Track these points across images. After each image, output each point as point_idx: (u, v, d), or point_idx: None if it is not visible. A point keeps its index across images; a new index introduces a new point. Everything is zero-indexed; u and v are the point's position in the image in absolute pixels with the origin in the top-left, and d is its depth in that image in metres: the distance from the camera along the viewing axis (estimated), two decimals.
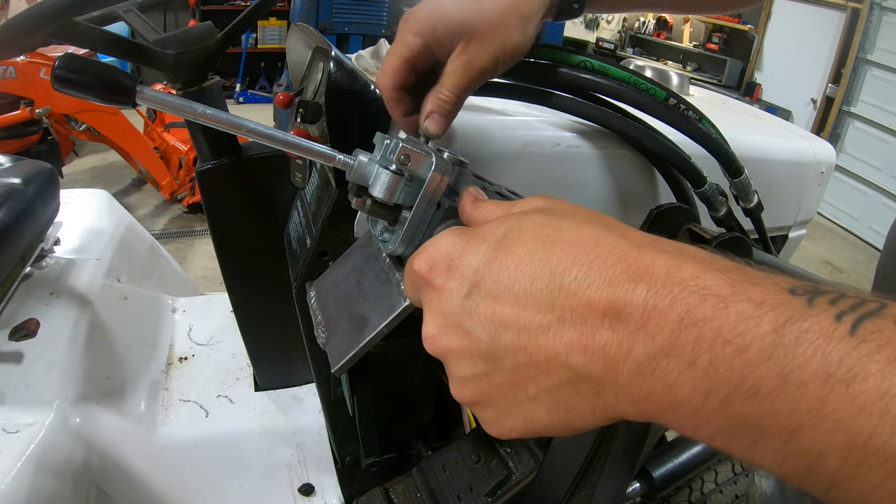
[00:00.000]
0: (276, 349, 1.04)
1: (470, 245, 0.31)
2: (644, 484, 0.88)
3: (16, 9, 3.11)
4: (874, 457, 0.19)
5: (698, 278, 0.24)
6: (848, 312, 0.21)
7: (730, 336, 0.22)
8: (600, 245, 0.27)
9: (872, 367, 0.19)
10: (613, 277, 0.25)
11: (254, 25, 4.34)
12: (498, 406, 0.30)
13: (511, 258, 0.28)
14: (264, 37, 5.39)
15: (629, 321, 0.24)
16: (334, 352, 0.50)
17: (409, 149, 0.39)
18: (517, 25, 0.48)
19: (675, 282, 0.24)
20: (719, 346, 0.22)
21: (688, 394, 0.23)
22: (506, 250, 0.29)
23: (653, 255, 0.26)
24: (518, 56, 0.50)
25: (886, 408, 0.19)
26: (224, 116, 0.39)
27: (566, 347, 0.26)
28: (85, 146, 3.79)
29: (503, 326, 0.28)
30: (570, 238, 0.28)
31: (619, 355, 0.25)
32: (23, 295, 1.01)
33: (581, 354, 0.26)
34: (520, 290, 0.27)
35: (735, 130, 0.74)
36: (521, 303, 0.27)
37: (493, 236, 0.30)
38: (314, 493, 0.96)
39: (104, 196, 1.40)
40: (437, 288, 0.31)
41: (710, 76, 5.73)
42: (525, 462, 0.69)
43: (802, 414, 0.20)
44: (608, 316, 0.25)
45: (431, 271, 0.31)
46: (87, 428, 0.90)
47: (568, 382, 0.27)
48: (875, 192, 4.17)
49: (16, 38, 0.57)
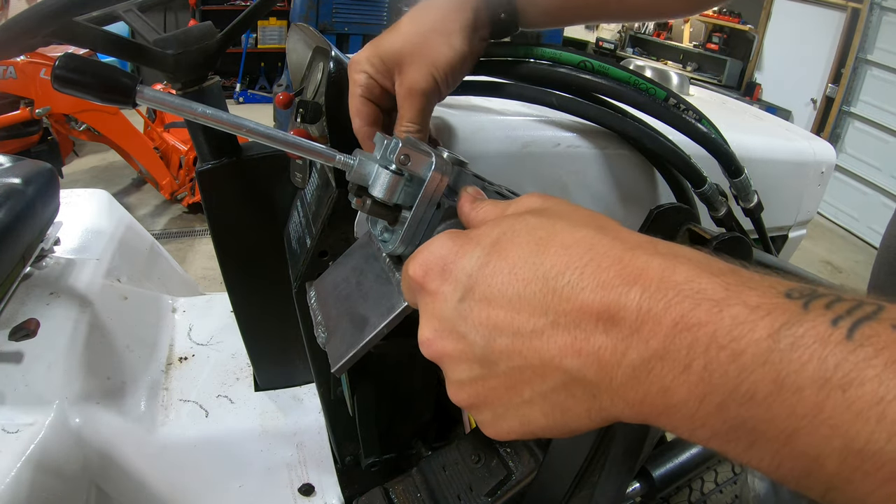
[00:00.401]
0: (276, 349, 1.04)
1: (464, 249, 0.31)
2: (644, 484, 0.88)
3: (16, 9, 3.11)
4: (871, 462, 0.19)
5: (693, 282, 0.24)
6: (844, 317, 0.21)
7: (724, 341, 0.22)
8: (594, 248, 0.27)
9: (869, 372, 0.19)
10: (607, 281, 0.25)
11: (254, 25, 4.34)
12: (494, 409, 0.30)
13: (504, 262, 0.28)
14: (264, 37, 5.38)
15: (623, 325, 0.24)
16: (334, 352, 0.50)
17: (409, 148, 0.39)
18: (442, 41, 0.50)
19: (670, 286, 0.24)
20: (714, 351, 0.22)
21: (683, 398, 0.23)
22: (499, 254, 0.29)
23: (647, 257, 0.25)
24: (454, 71, 0.51)
25: (883, 413, 0.18)
26: (224, 116, 0.39)
27: (560, 351, 0.26)
28: (85, 146, 3.79)
29: (497, 330, 0.28)
30: (563, 241, 0.28)
31: (613, 359, 0.25)
32: (23, 295, 1.01)
33: (575, 358, 0.26)
34: (513, 294, 0.27)
35: (735, 130, 0.74)
36: (515, 307, 0.27)
37: (487, 239, 0.30)
38: (314, 493, 0.96)
39: (104, 196, 1.40)
40: (431, 292, 0.31)
41: (710, 76, 5.73)
42: (525, 462, 0.69)
43: (799, 419, 0.20)
44: (602, 320, 0.25)
45: (426, 276, 0.31)
46: (87, 428, 0.90)
47: (563, 386, 0.27)
48: (875, 192, 4.17)
49: (16, 38, 0.57)
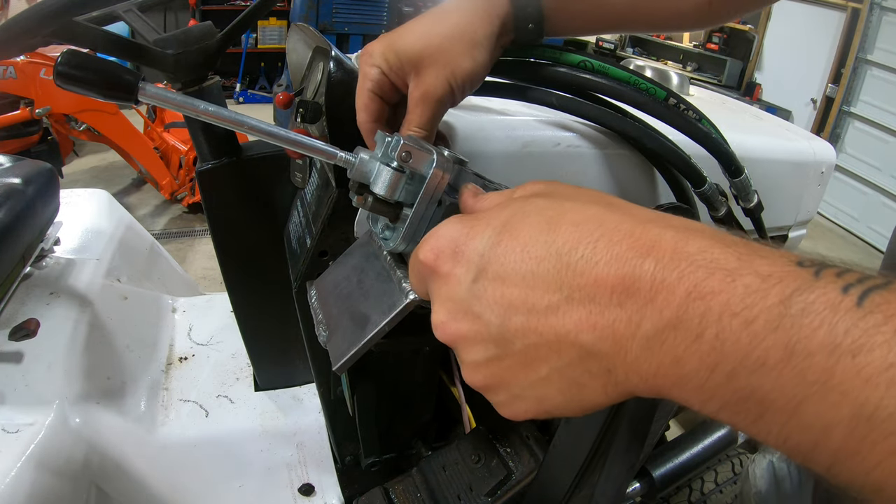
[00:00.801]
0: (276, 349, 1.04)
1: (474, 230, 0.30)
2: (644, 484, 0.88)
3: (16, 9, 3.11)
4: (879, 430, 0.19)
5: (706, 252, 0.24)
6: (855, 284, 0.21)
7: (737, 308, 0.22)
8: (605, 223, 0.27)
9: (878, 338, 0.19)
10: (620, 254, 0.25)
11: (254, 25, 4.34)
12: (510, 389, 0.30)
13: (516, 241, 0.28)
14: (264, 37, 5.38)
15: (637, 296, 0.24)
16: (335, 350, 0.50)
17: (411, 146, 0.39)
18: (465, 51, 0.48)
19: (683, 256, 0.24)
20: (727, 319, 0.22)
21: (694, 367, 0.23)
22: (510, 233, 0.29)
23: (659, 230, 0.25)
24: (472, 82, 0.50)
25: (892, 379, 0.18)
26: (226, 113, 0.39)
27: (575, 326, 0.26)
28: (85, 146, 3.79)
29: (512, 309, 0.28)
30: (573, 218, 0.28)
31: (627, 331, 0.25)
32: (23, 295, 1.01)
33: (590, 332, 0.26)
34: (527, 272, 0.27)
35: (735, 130, 0.74)
36: (529, 284, 0.27)
37: (497, 220, 0.30)
38: (314, 493, 0.96)
39: (104, 196, 1.40)
40: (444, 275, 0.31)
41: (710, 76, 5.73)
42: (525, 462, 0.69)
43: (808, 386, 0.20)
44: (616, 292, 0.25)
45: (437, 259, 0.31)
46: (87, 428, 0.90)
47: (579, 361, 0.27)
48: (875, 192, 4.17)
49: (16, 38, 0.57)
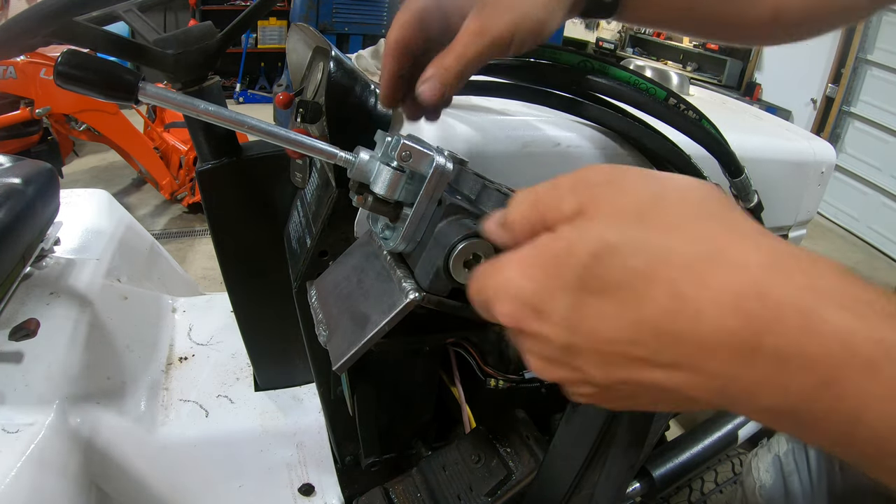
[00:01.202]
0: (276, 349, 1.04)
1: (548, 288, 0.27)
2: (644, 484, 0.88)
3: (16, 9, 3.11)
4: None
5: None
6: None
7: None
8: (714, 274, 0.24)
9: None
10: (734, 329, 0.23)
11: (254, 25, 4.35)
12: (612, 405, 0.31)
13: (601, 305, 0.26)
14: (264, 37, 5.38)
15: (760, 365, 0.23)
16: (335, 349, 0.50)
17: (411, 145, 0.39)
18: (539, 1, 0.44)
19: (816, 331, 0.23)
20: None
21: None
22: (593, 295, 0.26)
23: (783, 289, 0.23)
24: (535, 37, 0.45)
25: None
26: (226, 113, 0.39)
27: (684, 385, 0.25)
28: (85, 146, 3.79)
29: (613, 366, 0.27)
30: (670, 275, 0.24)
31: (743, 394, 0.24)
32: (23, 295, 1.01)
33: (695, 391, 0.25)
34: (622, 338, 0.26)
35: (735, 130, 0.73)
36: (627, 348, 0.26)
37: (570, 274, 0.26)
38: (314, 493, 0.96)
39: (104, 196, 1.40)
40: (532, 335, 0.29)
41: (710, 76, 5.72)
42: (525, 462, 0.69)
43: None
44: (731, 359, 0.24)
45: (521, 322, 0.29)
46: (87, 428, 0.90)
47: (686, 401, 0.27)
48: (875, 192, 4.17)
49: (16, 38, 0.57)
